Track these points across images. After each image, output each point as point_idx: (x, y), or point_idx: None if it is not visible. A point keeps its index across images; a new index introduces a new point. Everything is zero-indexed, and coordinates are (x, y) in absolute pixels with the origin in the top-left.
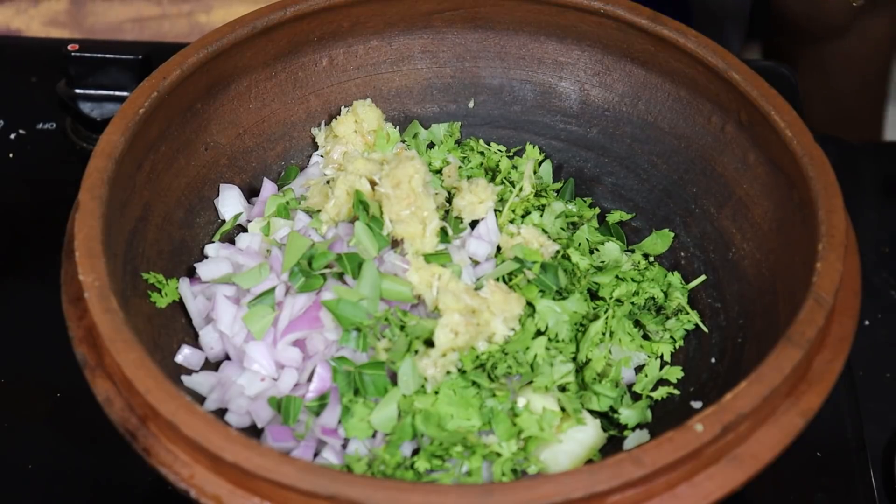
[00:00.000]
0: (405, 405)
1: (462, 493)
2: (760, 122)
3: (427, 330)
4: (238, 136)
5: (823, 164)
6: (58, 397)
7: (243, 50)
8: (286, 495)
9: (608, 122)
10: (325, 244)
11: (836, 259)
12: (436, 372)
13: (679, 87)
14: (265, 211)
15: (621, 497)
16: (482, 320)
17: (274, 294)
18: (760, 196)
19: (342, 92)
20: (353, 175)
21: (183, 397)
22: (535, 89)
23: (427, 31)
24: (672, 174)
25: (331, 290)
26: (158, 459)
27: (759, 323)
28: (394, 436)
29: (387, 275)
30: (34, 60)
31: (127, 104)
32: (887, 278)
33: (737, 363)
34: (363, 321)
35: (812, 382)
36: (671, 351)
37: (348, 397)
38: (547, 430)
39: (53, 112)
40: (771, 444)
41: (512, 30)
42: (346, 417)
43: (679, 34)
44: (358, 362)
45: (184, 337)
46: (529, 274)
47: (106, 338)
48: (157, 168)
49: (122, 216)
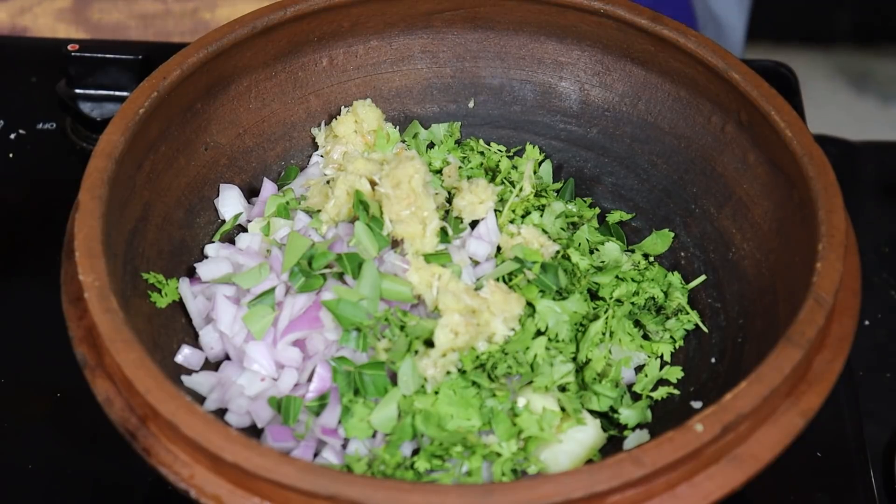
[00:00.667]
0: (405, 405)
1: (462, 493)
2: (760, 122)
3: (427, 330)
4: (238, 136)
5: (823, 164)
6: (58, 397)
7: (243, 50)
8: (286, 495)
9: (608, 122)
10: (325, 244)
11: (836, 259)
12: (436, 372)
13: (679, 87)
14: (265, 211)
15: (621, 497)
16: (482, 320)
17: (274, 294)
18: (760, 196)
19: (342, 92)
20: (353, 175)
21: (183, 397)
22: (535, 89)
23: (427, 31)
24: (672, 174)
25: (331, 290)
26: (158, 459)
27: (759, 323)
28: (394, 436)
29: (387, 275)
30: (34, 60)
31: (127, 104)
32: (887, 278)
33: (737, 363)
34: (363, 321)
35: (812, 382)
36: (671, 351)
37: (348, 397)
38: (547, 430)
39: (53, 112)
40: (771, 444)
41: (512, 30)
42: (346, 417)
43: (679, 34)
44: (358, 362)
45: (184, 337)
46: (529, 274)
47: (106, 338)
48: (157, 168)
49: (122, 216)
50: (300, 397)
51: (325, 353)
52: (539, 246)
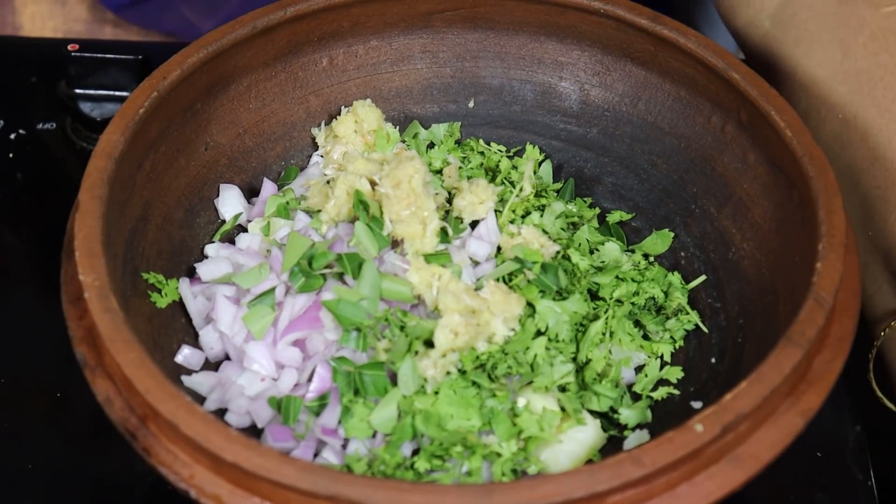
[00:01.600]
0: (405, 405)
1: (462, 493)
2: (760, 122)
3: (427, 330)
4: (238, 136)
5: (823, 163)
6: (58, 397)
7: (243, 50)
8: (286, 495)
9: (608, 122)
10: (325, 244)
11: (836, 259)
12: (436, 372)
13: (679, 87)
14: (265, 211)
15: (621, 497)
16: (482, 320)
17: (274, 294)
18: (760, 196)
19: (342, 92)
20: (353, 175)
21: (183, 397)
22: (535, 89)
23: (427, 31)
24: (672, 174)
25: (331, 290)
26: (158, 459)
27: (759, 323)
28: (394, 436)
29: (387, 275)
30: (34, 60)
31: (127, 104)
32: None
33: (737, 363)
34: (363, 321)
35: (812, 382)
36: (671, 351)
37: (348, 397)
38: (547, 431)
39: (53, 112)
40: (771, 444)
41: (512, 30)
42: (346, 417)
43: (679, 34)
44: (358, 362)
45: (184, 337)
46: (529, 274)
47: (106, 338)
48: (157, 168)
49: (122, 216)
50: (300, 397)
51: (325, 353)
52: (539, 246)
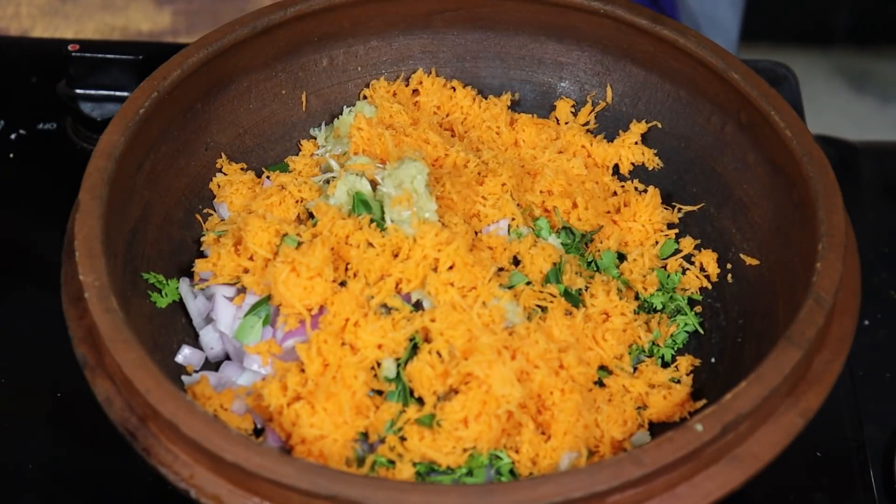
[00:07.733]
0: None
1: (462, 493)
2: (760, 122)
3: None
4: (238, 136)
5: (823, 164)
6: (58, 397)
7: (243, 50)
8: (286, 495)
9: (608, 123)
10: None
11: (836, 259)
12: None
13: (679, 87)
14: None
15: (621, 497)
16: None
17: (267, 305)
18: (760, 196)
19: (342, 92)
20: (353, 175)
21: (183, 397)
22: (535, 89)
23: (427, 32)
24: (672, 174)
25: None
26: (158, 459)
27: (759, 323)
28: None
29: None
30: (34, 60)
31: (127, 104)
32: (887, 278)
33: (737, 363)
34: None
35: (812, 382)
36: (671, 351)
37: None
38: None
39: (53, 112)
40: (771, 444)
41: (512, 30)
42: None
43: (679, 34)
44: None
45: (184, 337)
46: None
47: (106, 338)
48: (157, 168)
49: (122, 216)
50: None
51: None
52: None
